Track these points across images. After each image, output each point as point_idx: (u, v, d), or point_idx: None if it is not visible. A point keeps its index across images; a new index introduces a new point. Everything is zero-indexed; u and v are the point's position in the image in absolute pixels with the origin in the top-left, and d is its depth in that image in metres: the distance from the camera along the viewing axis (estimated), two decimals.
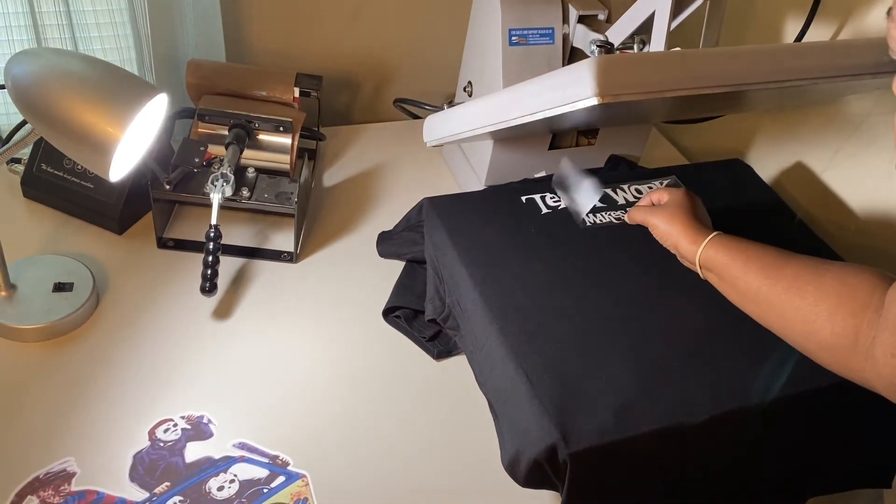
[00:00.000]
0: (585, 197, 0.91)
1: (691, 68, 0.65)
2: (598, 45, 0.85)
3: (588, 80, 0.61)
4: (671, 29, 0.81)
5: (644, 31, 0.87)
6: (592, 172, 0.93)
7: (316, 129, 1.15)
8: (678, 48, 0.82)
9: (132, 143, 0.70)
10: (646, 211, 0.85)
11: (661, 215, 0.82)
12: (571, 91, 0.63)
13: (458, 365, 0.89)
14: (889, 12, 0.55)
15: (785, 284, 0.69)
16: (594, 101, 0.61)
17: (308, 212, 1.06)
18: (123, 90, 0.68)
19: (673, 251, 0.82)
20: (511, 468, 0.75)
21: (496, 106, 0.81)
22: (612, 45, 0.85)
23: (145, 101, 0.68)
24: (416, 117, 1.28)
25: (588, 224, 0.92)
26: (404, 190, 1.13)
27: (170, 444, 0.77)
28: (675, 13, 0.81)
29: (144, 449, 0.76)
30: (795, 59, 0.69)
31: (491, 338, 0.80)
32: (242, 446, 0.78)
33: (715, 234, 0.77)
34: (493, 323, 0.80)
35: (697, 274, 0.79)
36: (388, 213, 1.08)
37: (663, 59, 0.67)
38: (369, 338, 0.91)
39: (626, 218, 0.90)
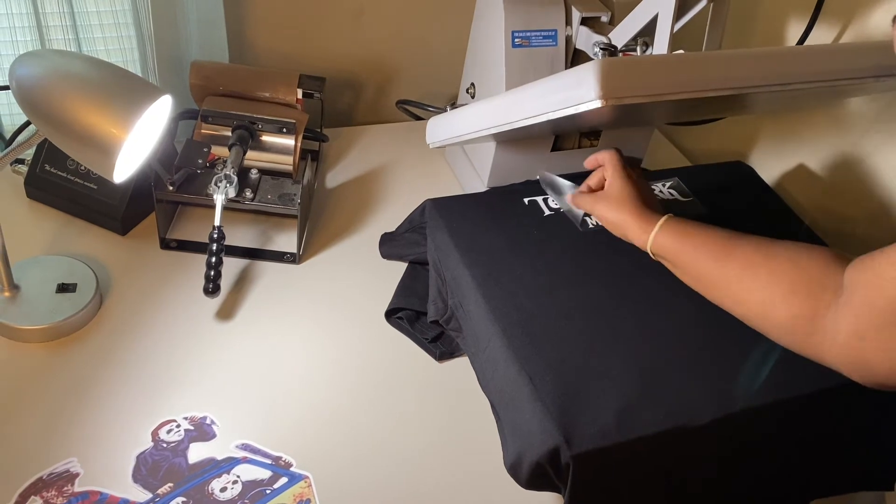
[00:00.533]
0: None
1: (695, 71, 0.65)
2: (601, 48, 0.85)
3: (591, 83, 0.61)
4: (674, 31, 0.81)
5: (647, 33, 0.87)
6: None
7: (319, 130, 1.15)
8: (681, 51, 0.82)
9: (136, 144, 0.71)
10: (591, 199, 0.83)
11: (607, 204, 0.80)
12: (575, 93, 0.64)
13: (461, 366, 0.89)
14: (894, 20, 0.55)
15: (736, 268, 0.69)
16: (598, 104, 0.61)
17: (311, 213, 1.06)
18: (127, 92, 0.68)
19: (624, 239, 0.80)
20: (513, 470, 0.75)
21: (499, 108, 0.81)
22: (615, 47, 0.85)
23: (149, 103, 0.68)
24: (419, 118, 1.28)
25: (590, 226, 0.92)
26: (407, 191, 1.14)
27: (173, 444, 0.77)
28: (678, 16, 0.81)
29: (148, 450, 0.76)
30: (799, 62, 0.69)
31: (493, 339, 0.80)
32: (245, 447, 0.78)
33: (663, 219, 0.75)
34: (495, 324, 0.80)
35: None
36: (391, 215, 1.08)
37: (667, 61, 0.67)
38: (372, 339, 0.91)
39: (570, 202, 0.88)
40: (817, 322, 0.62)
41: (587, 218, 0.93)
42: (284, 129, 1.01)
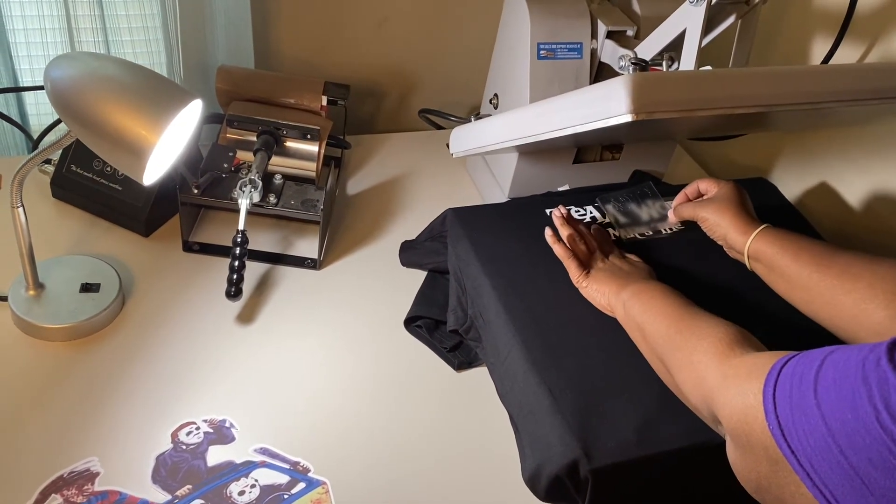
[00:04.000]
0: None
1: (725, 88, 0.65)
2: (632, 63, 0.86)
3: (622, 97, 0.61)
4: (701, 46, 0.82)
5: (673, 47, 0.87)
6: (615, 187, 0.94)
7: (341, 137, 1.16)
8: (709, 66, 0.82)
9: (166, 147, 0.71)
10: (694, 205, 0.89)
11: (711, 207, 0.86)
12: (605, 107, 0.64)
13: (479, 377, 0.89)
14: None
15: (837, 271, 0.71)
16: (628, 118, 0.61)
17: (332, 219, 1.07)
18: (160, 95, 0.69)
19: (721, 242, 0.85)
20: (531, 482, 0.75)
21: (525, 120, 0.81)
22: (646, 62, 0.85)
23: (181, 107, 0.69)
24: (440, 128, 1.29)
25: (612, 239, 0.92)
26: (427, 199, 1.14)
27: (192, 447, 0.77)
28: (706, 31, 0.81)
29: (167, 451, 0.77)
30: (831, 81, 0.69)
31: (513, 350, 0.80)
32: (264, 451, 0.78)
33: (764, 226, 0.81)
34: (515, 335, 0.80)
35: (723, 288, 0.80)
36: (411, 223, 1.08)
37: (698, 77, 0.67)
38: (390, 347, 0.91)
39: (670, 214, 0.95)
40: None
41: (611, 231, 0.94)
42: (309, 136, 1.02)
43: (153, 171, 0.72)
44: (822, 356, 0.48)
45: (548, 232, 0.89)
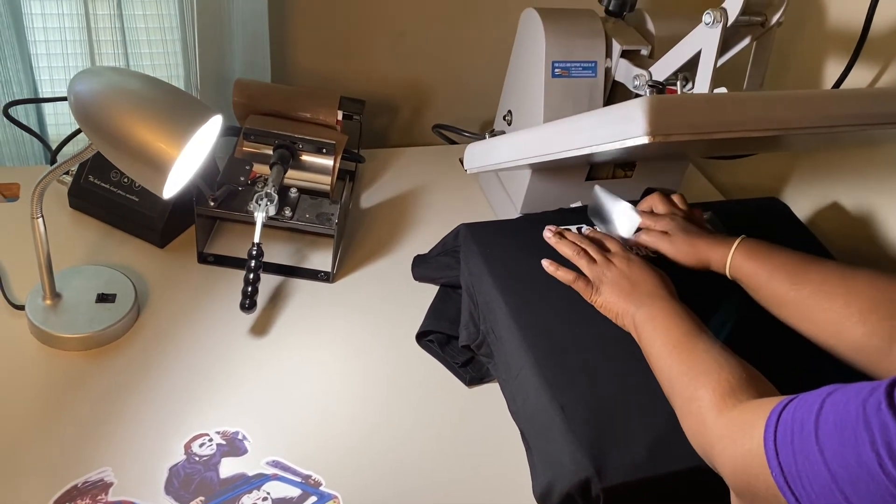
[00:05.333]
0: (622, 224, 0.91)
1: (743, 111, 0.66)
2: (649, 85, 0.86)
3: (640, 119, 0.62)
4: (716, 67, 0.82)
5: (688, 68, 0.88)
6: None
7: (356, 151, 1.16)
8: (723, 88, 0.83)
9: (186, 161, 0.72)
10: (656, 237, 0.87)
11: (681, 242, 0.84)
12: (622, 128, 0.64)
13: (491, 392, 0.89)
14: None
15: (811, 289, 0.71)
16: (645, 140, 0.61)
17: (345, 232, 1.08)
18: (181, 110, 0.70)
19: (705, 269, 0.84)
20: (542, 500, 0.75)
21: (541, 139, 0.82)
22: (663, 84, 0.86)
23: (202, 122, 0.70)
24: (453, 143, 1.30)
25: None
26: (439, 214, 1.14)
27: (205, 458, 0.78)
28: (721, 52, 0.82)
29: (180, 462, 0.77)
30: (847, 106, 0.70)
31: (525, 367, 0.81)
32: (276, 464, 0.79)
33: (738, 241, 0.80)
34: (527, 352, 0.81)
35: (735, 308, 0.80)
36: (424, 237, 1.09)
37: (715, 101, 0.68)
38: (402, 361, 0.92)
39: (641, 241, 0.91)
40: (895, 344, 0.63)
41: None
42: (324, 150, 1.03)
43: (172, 185, 0.73)
44: (821, 399, 0.48)
45: (546, 263, 0.87)
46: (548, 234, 0.91)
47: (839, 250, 1.06)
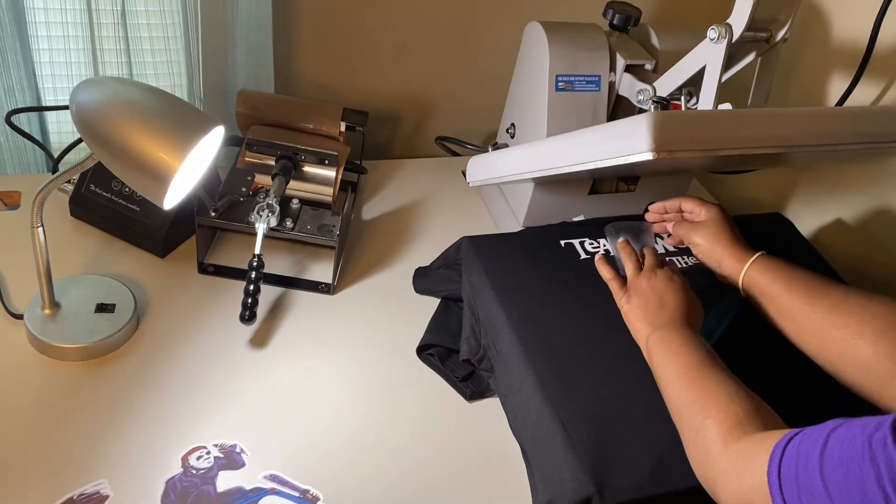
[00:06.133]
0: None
1: (748, 128, 0.65)
2: (654, 101, 0.86)
3: (645, 135, 0.61)
4: (721, 82, 0.82)
5: (692, 83, 0.88)
6: (630, 218, 0.94)
7: (358, 162, 1.16)
8: (728, 103, 0.83)
9: (187, 172, 0.72)
10: (688, 228, 0.88)
11: (704, 233, 0.86)
12: (626, 143, 0.64)
13: (491, 408, 0.88)
14: None
15: (829, 304, 0.71)
16: (649, 156, 0.61)
17: (346, 243, 1.07)
18: (183, 121, 0.70)
19: (713, 268, 0.85)
20: None
21: (545, 153, 0.82)
22: (667, 100, 0.86)
23: (204, 133, 0.69)
24: (456, 154, 1.29)
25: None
26: (441, 226, 1.14)
27: (202, 471, 0.77)
28: (725, 68, 0.81)
29: (177, 475, 0.76)
30: (853, 124, 0.69)
31: (526, 382, 0.80)
32: (273, 478, 0.78)
33: (759, 254, 0.81)
34: (529, 367, 0.80)
35: (739, 319, 0.80)
36: (425, 249, 1.09)
37: (720, 117, 0.68)
38: (402, 374, 0.91)
39: (670, 228, 0.94)
40: None
41: None
42: (326, 161, 1.02)
43: (173, 196, 0.72)
44: (826, 433, 0.48)
45: (598, 257, 0.89)
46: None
47: (842, 267, 1.05)
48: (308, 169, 1.03)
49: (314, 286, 1.00)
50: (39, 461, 0.75)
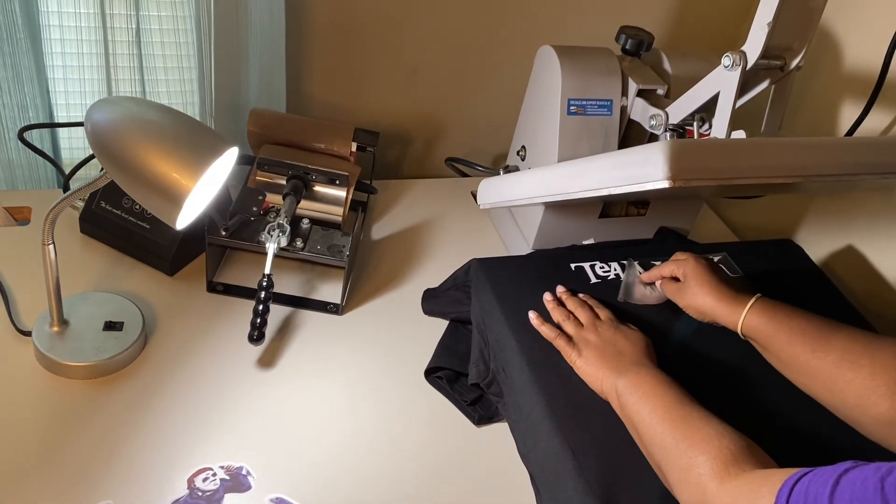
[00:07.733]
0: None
1: (763, 158, 0.65)
2: (670, 129, 0.86)
3: (660, 164, 0.61)
4: (734, 109, 0.82)
5: (705, 109, 0.88)
6: (640, 243, 0.93)
7: (368, 182, 1.16)
8: (741, 131, 0.82)
9: (200, 192, 0.72)
10: (673, 293, 0.86)
11: (687, 295, 0.83)
12: (642, 171, 0.64)
13: (500, 433, 0.88)
14: None
15: (835, 357, 0.69)
16: (665, 185, 0.61)
17: (355, 264, 1.07)
18: (197, 142, 0.70)
19: (711, 323, 0.82)
20: None
21: (558, 178, 0.82)
22: (683, 128, 0.85)
23: (218, 155, 0.69)
24: (465, 175, 1.29)
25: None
26: (450, 247, 1.14)
27: (208, 494, 0.76)
28: (739, 95, 0.81)
29: (182, 497, 0.75)
30: (868, 154, 0.69)
31: (536, 408, 0.79)
32: (280, 501, 0.77)
33: (753, 300, 0.77)
34: (539, 393, 0.79)
35: (752, 353, 0.79)
36: (434, 270, 1.08)
37: (735, 147, 0.68)
38: (410, 397, 0.90)
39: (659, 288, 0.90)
40: None
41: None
42: (337, 181, 1.02)
43: (186, 216, 0.72)
44: (837, 475, 0.47)
45: (532, 315, 0.87)
46: (548, 297, 0.90)
47: (853, 294, 1.05)
48: (318, 189, 1.03)
49: (323, 306, 0.99)
50: (44, 480, 0.74)
